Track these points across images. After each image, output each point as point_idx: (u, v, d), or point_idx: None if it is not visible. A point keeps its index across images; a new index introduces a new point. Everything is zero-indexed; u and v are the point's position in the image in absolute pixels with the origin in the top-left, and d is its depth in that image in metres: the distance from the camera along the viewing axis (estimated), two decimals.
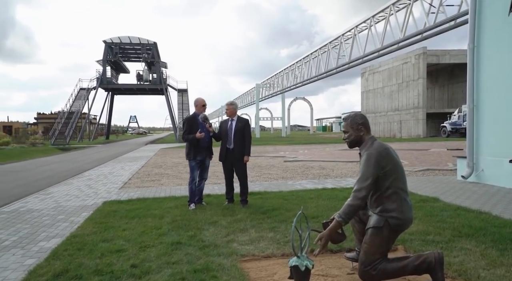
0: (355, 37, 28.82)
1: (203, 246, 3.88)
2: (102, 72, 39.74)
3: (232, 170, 5.97)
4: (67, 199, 6.91)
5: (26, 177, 10.94)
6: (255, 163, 13.19)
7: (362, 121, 3.02)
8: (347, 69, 31.37)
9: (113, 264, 3.36)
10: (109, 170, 12.16)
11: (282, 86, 43.27)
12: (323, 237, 2.82)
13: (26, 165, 15.79)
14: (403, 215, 2.80)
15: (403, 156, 14.54)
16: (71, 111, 37.82)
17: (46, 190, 8.12)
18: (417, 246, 3.74)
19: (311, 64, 36.35)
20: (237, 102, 43.69)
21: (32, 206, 6.32)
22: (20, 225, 5.06)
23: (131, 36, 40.31)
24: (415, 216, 4.87)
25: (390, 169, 2.82)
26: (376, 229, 2.82)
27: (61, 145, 32.64)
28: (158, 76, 40.77)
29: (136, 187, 8.24)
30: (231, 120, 5.95)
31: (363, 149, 2.97)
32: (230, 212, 5.44)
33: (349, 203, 2.79)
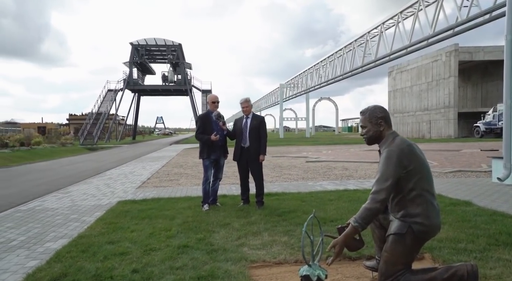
0: (381, 34, 27.97)
1: (211, 250, 3.64)
2: (128, 74, 40.50)
3: (247, 169, 5.72)
4: (83, 198, 6.85)
5: (50, 176, 11.10)
6: (276, 164, 12.89)
7: (382, 115, 2.68)
8: (373, 67, 30.51)
9: (114, 269, 3.17)
10: (130, 169, 12.18)
11: (306, 86, 42.66)
12: (337, 244, 2.51)
13: (53, 164, 16.13)
14: (429, 220, 2.46)
15: (432, 156, 13.85)
16: (99, 112, 38.73)
17: (66, 189, 8.14)
18: (446, 255, 3.36)
19: (335, 63, 35.64)
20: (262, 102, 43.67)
21: (48, 205, 6.29)
22: (32, 224, 4.99)
23: (157, 38, 40.90)
24: (445, 221, 4.45)
25: (414, 168, 2.48)
26: (397, 236, 2.48)
27: (89, 145, 33.43)
28: (183, 77, 41.14)
29: (153, 187, 8.13)
30: (246, 117, 5.70)
31: (383, 146, 2.64)
32: (244, 213, 5.18)
33: (366, 207, 2.47)
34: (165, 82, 42.46)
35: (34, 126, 59.01)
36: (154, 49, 43.02)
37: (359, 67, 31.50)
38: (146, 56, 42.74)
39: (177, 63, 41.75)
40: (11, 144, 25.10)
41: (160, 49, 42.73)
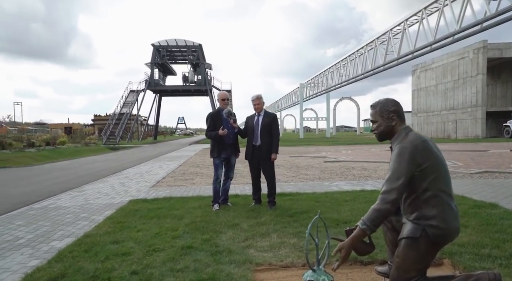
0: (404, 31, 27.25)
1: (215, 252, 3.49)
2: (150, 75, 41.04)
3: (259, 168, 5.56)
4: (96, 197, 6.85)
5: (69, 175, 11.25)
6: (294, 163, 12.67)
7: (394, 109, 2.46)
8: (396, 65, 29.77)
9: (114, 269, 3.06)
10: (147, 168, 12.22)
11: (326, 86, 42.12)
12: (343, 248, 2.31)
13: (74, 163, 16.43)
14: (445, 223, 2.22)
15: (457, 157, 13.29)
16: (121, 113, 39.39)
17: (81, 188, 8.19)
18: (468, 262, 3.09)
19: (356, 62, 35.00)
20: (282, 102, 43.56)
21: (61, 203, 6.31)
22: (42, 222, 4.98)
23: (178, 39, 41.28)
24: (467, 224, 4.16)
25: (429, 166, 2.25)
26: (410, 240, 2.26)
27: (111, 145, 34.03)
28: (203, 77, 41.36)
29: (167, 186, 8.08)
30: (257, 115, 5.53)
31: (395, 142, 2.43)
32: (255, 214, 5.02)
33: (375, 208, 2.26)
34: (186, 82, 42.80)
35: (61, 127, 60.85)
36: (175, 50, 43.44)
37: (381, 66, 30.82)
38: (167, 57, 43.21)
39: (197, 63, 42.02)
40: (38, 143, 25.83)
41: (180, 50, 43.12)
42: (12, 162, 16.63)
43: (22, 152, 20.91)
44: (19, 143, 24.28)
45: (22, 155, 19.59)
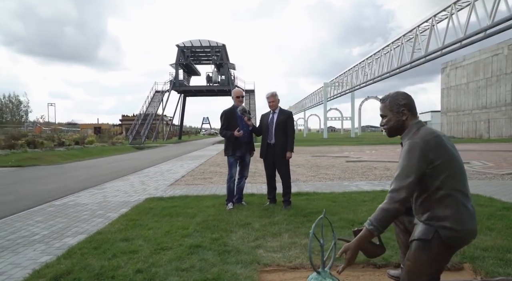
0: (432, 28, 26.42)
1: (223, 251, 3.42)
2: (174, 75, 41.63)
3: (274, 167, 5.45)
4: (115, 195, 6.94)
5: (92, 173, 11.49)
6: (315, 163, 12.47)
7: (405, 102, 2.31)
8: (423, 63, 28.90)
9: (120, 267, 3.04)
10: (168, 167, 12.33)
11: (351, 85, 41.42)
12: (348, 250, 2.18)
13: (99, 162, 16.82)
14: (460, 225, 2.05)
15: (488, 157, 12.70)
16: (147, 113, 40.15)
17: (102, 185, 8.33)
18: (491, 267, 2.89)
19: (382, 60, 34.23)
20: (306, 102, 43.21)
21: (80, 201, 6.42)
22: (59, 219, 5.06)
23: (202, 39, 41.67)
24: (493, 227, 3.92)
25: (442, 163, 2.09)
26: (422, 243, 2.11)
27: (136, 144, 34.74)
28: (226, 78, 41.56)
29: (185, 185, 8.09)
30: (272, 112, 5.43)
31: (405, 137, 2.28)
32: (269, 213, 4.92)
33: (383, 207, 2.12)
34: (209, 82, 43.15)
35: (91, 127, 62.82)
36: (199, 51, 43.88)
37: (408, 64, 30.00)
38: (191, 58, 43.70)
39: (221, 63, 42.27)
40: (68, 143, 26.67)
41: (204, 50, 43.51)
42: (42, 160, 17.18)
43: (52, 151, 21.59)
44: (50, 142, 25.07)
45: (52, 153, 20.23)
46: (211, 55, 42.64)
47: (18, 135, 27.16)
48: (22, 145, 21.27)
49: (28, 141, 22.66)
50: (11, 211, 5.68)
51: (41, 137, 27.54)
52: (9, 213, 5.57)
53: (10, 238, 4.14)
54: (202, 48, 42.66)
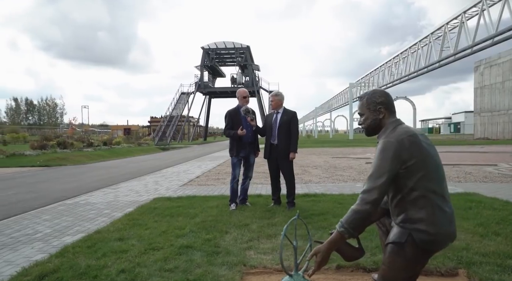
0: (462, 25, 25.42)
1: (212, 252, 3.38)
2: (199, 77, 42.16)
3: (278, 168, 5.37)
4: (126, 194, 7.05)
5: (112, 173, 11.77)
6: (332, 164, 12.25)
7: (382, 100, 2.20)
8: (453, 61, 27.84)
9: (105, 267, 3.05)
10: (186, 168, 12.46)
11: (377, 85, 40.51)
12: (319, 252, 2.09)
13: (122, 162, 17.23)
14: (435, 228, 1.93)
15: None
16: (172, 115, 40.86)
17: (117, 185, 8.50)
18: (486, 273, 2.71)
19: (409, 59, 33.27)
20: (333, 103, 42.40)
21: (92, 200, 6.56)
22: (65, 217, 5.18)
23: (226, 41, 42.01)
24: (500, 231, 3.69)
25: (416, 163, 1.97)
26: (396, 246, 2.00)
27: (162, 145, 35.41)
28: (251, 79, 41.68)
29: (197, 185, 8.13)
30: (276, 113, 5.36)
31: (381, 136, 2.16)
32: (270, 214, 4.84)
33: (354, 208, 2.03)
34: (234, 84, 43.41)
35: (121, 128, 64.71)
36: (224, 52, 44.24)
37: (436, 62, 29.02)
38: (216, 60, 44.13)
39: (245, 65, 42.45)
40: (96, 144, 27.53)
41: (229, 52, 43.83)
42: (70, 160, 17.79)
43: (80, 151, 22.31)
44: (80, 143, 25.95)
45: (80, 154, 20.91)
46: (235, 56, 42.90)
47: (51, 136, 28.32)
48: (52, 146, 22.10)
49: (59, 142, 23.52)
50: (24, 209, 5.88)
51: (72, 138, 28.60)
52: (22, 211, 5.76)
53: (14, 235, 4.27)
54: (227, 49, 42.99)
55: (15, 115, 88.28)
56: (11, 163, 15.62)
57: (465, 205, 5.02)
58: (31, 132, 54.60)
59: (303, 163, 12.86)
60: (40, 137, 27.21)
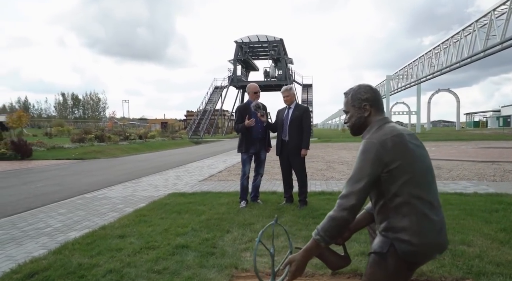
0: (511, 11, 23.65)
1: (207, 253, 3.28)
2: (233, 71, 42.28)
3: (289, 165, 5.18)
4: (144, 189, 7.12)
5: (139, 166, 12.00)
6: None
7: (367, 96, 1.98)
8: (500, 51, 26.04)
9: (96, 266, 3.01)
10: (211, 162, 12.49)
11: (416, 77, 38.79)
12: (293, 261, 1.93)
13: (153, 155, 17.60)
14: (419, 238, 1.72)
15: None
16: (206, 109, 41.32)
17: (139, 179, 8.62)
18: None
19: (451, 50, 31.50)
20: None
21: (110, 194, 6.67)
22: (79, 212, 5.27)
23: (259, 35, 41.76)
24: None
25: (400, 167, 1.75)
26: (378, 256, 1.81)
27: (195, 139, 35.95)
28: (284, 72, 41.26)
29: (217, 180, 8.09)
30: (288, 108, 5.15)
31: (365, 136, 1.95)
32: (278, 213, 4.63)
33: (331, 215, 1.84)
34: (267, 77, 43.18)
35: (159, 122, 66.55)
36: (257, 46, 44.04)
37: (480, 52, 27.27)
38: (250, 53, 44.03)
39: (278, 58, 42.06)
40: (132, 137, 28.39)
41: (262, 46, 43.58)
42: (104, 153, 18.41)
43: (116, 144, 23.06)
44: (117, 137, 26.84)
45: (115, 147, 21.61)
46: (268, 49, 42.60)
47: (91, 130, 29.50)
48: (90, 139, 22.99)
49: (97, 135, 24.43)
50: (44, 202, 6.07)
51: (110, 132, 29.67)
52: (42, 204, 5.95)
53: (25, 229, 4.38)
54: (260, 43, 42.76)
55: (62, 109, 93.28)
56: (50, 156, 16.38)
57: (491, 207, 4.60)
58: (76, 125, 57.32)
59: (330, 159, 12.51)
60: (80, 131, 28.44)
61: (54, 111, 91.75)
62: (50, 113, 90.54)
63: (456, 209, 4.55)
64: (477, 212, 4.33)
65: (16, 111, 36.48)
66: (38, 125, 63.55)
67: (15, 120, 32.13)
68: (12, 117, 33.01)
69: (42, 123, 65.00)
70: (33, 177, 9.49)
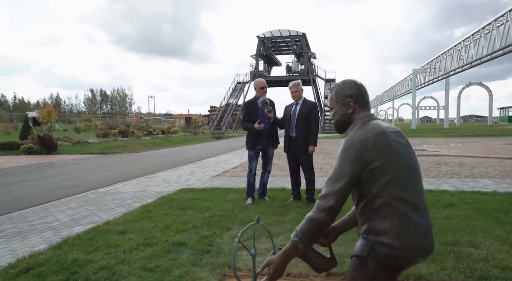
0: None
1: (202, 251, 3.24)
2: (255, 66, 42.18)
3: (297, 162, 5.07)
4: (157, 184, 7.17)
5: (157, 161, 12.15)
6: None
7: (351, 92, 1.86)
8: None
9: (90, 263, 3.02)
10: (227, 157, 12.49)
11: (444, 70, 37.48)
12: (271, 264, 1.84)
13: (173, 150, 17.81)
14: (400, 241, 1.61)
15: None
16: (228, 104, 41.45)
17: (155, 174, 8.71)
18: None
19: (481, 42, 30.17)
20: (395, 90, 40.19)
21: (122, 189, 6.75)
22: (89, 206, 5.36)
23: (282, 29, 41.41)
24: None
25: (381, 166, 1.64)
26: (359, 260, 1.70)
27: (217, 134, 36.18)
28: (306, 67, 40.80)
29: (230, 176, 8.07)
30: (295, 103, 5.04)
31: (348, 133, 1.84)
32: (284, 210, 4.60)
33: (309, 216, 1.74)
34: (289, 72, 42.82)
35: (183, 117, 67.49)
36: (279, 41, 43.71)
37: None
38: (272, 48, 43.76)
39: (300, 53, 41.61)
40: (155, 132, 28.86)
41: (285, 40, 43.22)
42: (127, 148, 18.78)
43: (138, 139, 23.46)
44: (140, 132, 27.35)
45: (137, 142, 22.00)
46: (291, 44, 42.20)
47: (115, 125, 30.18)
48: (114, 134, 23.51)
49: (120, 130, 24.95)
50: (59, 196, 6.21)
51: (134, 127, 30.27)
52: (56, 198, 6.09)
53: (33, 223, 4.48)
54: (282, 37, 42.41)
55: (91, 104, 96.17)
56: (74, 150, 16.86)
57: (508, 207, 4.35)
58: (104, 120, 58.93)
59: None
60: (105, 126, 29.14)
61: (83, 107, 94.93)
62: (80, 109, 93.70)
63: (469, 208, 4.32)
64: (492, 212, 4.10)
65: (46, 107, 37.78)
66: (69, 120, 65.82)
67: (44, 115, 33.30)
68: (42, 112, 34.24)
69: (72, 118, 67.31)
70: (54, 171, 9.77)
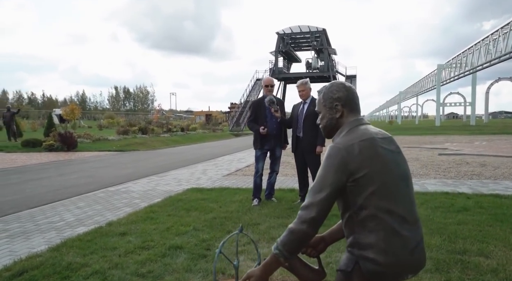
0: None
1: (198, 256, 3.15)
2: (274, 63, 41.93)
3: (305, 162, 4.93)
4: (167, 183, 7.15)
5: (171, 159, 12.18)
6: None
7: (339, 95, 1.72)
8: None
9: (84, 266, 2.97)
10: (242, 156, 12.41)
11: (470, 66, 36.16)
12: (252, 276, 1.73)
13: (189, 148, 17.87)
14: (385, 257, 1.48)
15: None
16: (247, 101, 41.37)
17: (167, 172, 8.71)
18: None
19: (511, 35, 28.89)
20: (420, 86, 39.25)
21: (133, 188, 6.76)
22: (97, 206, 5.36)
23: (301, 25, 40.97)
24: None
25: (367, 175, 1.51)
26: (342, 275, 1.59)
27: (235, 131, 36.19)
28: (326, 63, 40.25)
29: (242, 175, 7.98)
30: (303, 103, 4.88)
31: (335, 139, 1.71)
32: (289, 213, 4.47)
33: (290, 228, 1.63)
34: (309, 69, 42.36)
35: (203, 114, 68.02)
36: (299, 37, 43.27)
37: None
38: (292, 45, 43.39)
39: (320, 49, 41.09)
40: (174, 129, 29.11)
41: (304, 36, 42.76)
42: (145, 145, 18.99)
43: (157, 136, 23.70)
44: (160, 129, 27.64)
45: (156, 139, 22.23)
46: (310, 40, 41.72)
47: (135, 122, 30.62)
48: (134, 131, 23.83)
49: (140, 127, 25.27)
50: (69, 195, 6.25)
51: (155, 124, 30.63)
52: (66, 196, 6.14)
53: (39, 222, 4.50)
54: (302, 34, 41.96)
55: (115, 102, 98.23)
56: (94, 147, 17.14)
57: None
58: (127, 117, 60.06)
59: None
60: (125, 123, 29.59)
61: (107, 104, 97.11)
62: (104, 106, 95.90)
63: (485, 213, 4.07)
64: (509, 218, 3.85)
65: (70, 104, 38.73)
66: (94, 117, 67.43)
67: (68, 112, 34.19)
68: (66, 110, 35.15)
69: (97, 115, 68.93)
70: (70, 169, 9.92)
